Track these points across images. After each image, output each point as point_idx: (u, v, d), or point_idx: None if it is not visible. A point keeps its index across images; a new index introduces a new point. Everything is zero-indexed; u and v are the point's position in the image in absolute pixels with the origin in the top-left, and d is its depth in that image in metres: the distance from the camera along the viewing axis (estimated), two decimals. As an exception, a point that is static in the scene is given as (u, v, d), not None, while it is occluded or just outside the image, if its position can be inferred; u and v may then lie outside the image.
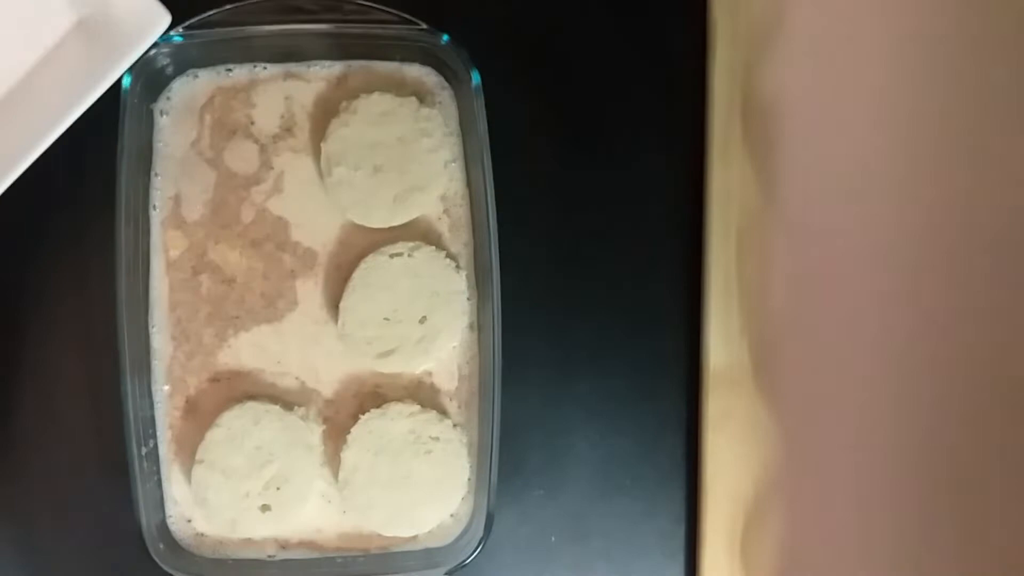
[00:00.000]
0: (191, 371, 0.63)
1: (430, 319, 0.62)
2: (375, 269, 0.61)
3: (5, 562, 0.63)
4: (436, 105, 0.63)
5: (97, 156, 0.62)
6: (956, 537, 0.46)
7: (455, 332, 0.62)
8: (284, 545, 0.63)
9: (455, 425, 0.62)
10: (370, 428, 0.61)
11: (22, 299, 0.64)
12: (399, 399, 0.62)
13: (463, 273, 0.62)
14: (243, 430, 0.61)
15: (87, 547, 0.63)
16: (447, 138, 0.62)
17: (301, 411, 0.62)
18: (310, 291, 0.63)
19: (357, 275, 0.61)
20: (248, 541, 0.62)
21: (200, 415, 0.62)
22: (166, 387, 0.63)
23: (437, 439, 0.62)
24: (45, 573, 0.64)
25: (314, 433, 0.62)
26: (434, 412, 0.62)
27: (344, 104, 0.62)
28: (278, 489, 0.61)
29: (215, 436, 0.61)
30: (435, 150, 0.61)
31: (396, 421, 0.61)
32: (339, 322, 0.62)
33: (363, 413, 0.62)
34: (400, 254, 0.61)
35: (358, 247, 0.63)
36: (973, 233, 0.46)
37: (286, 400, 0.63)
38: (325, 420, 0.63)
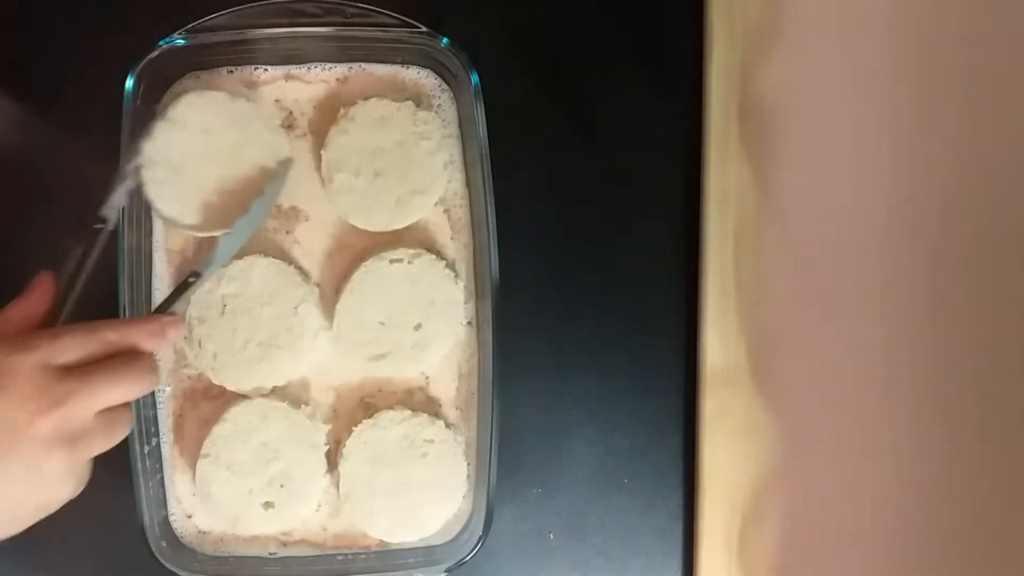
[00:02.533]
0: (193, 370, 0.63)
1: (425, 326, 0.62)
2: (374, 273, 0.62)
3: (8, 561, 0.63)
4: (433, 108, 0.63)
5: (100, 158, 0.62)
6: (955, 535, 0.46)
7: (448, 341, 0.63)
8: (285, 542, 0.63)
9: (448, 426, 0.62)
10: (364, 439, 0.62)
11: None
12: (391, 406, 0.63)
13: (461, 284, 0.63)
14: (249, 426, 0.61)
15: (90, 545, 0.64)
16: (446, 140, 0.62)
17: (308, 410, 0.62)
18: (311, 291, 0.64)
19: (356, 278, 0.62)
20: (250, 538, 0.63)
21: (202, 414, 0.63)
22: (168, 387, 0.63)
23: (431, 441, 0.62)
24: (47, 572, 0.64)
25: (320, 432, 0.62)
26: (425, 415, 0.62)
27: (342, 111, 0.62)
28: (282, 487, 0.61)
29: (222, 431, 0.61)
30: (434, 152, 0.62)
31: (389, 429, 0.62)
32: (334, 323, 0.62)
33: (355, 425, 0.62)
34: (400, 260, 0.62)
35: (358, 249, 0.63)
36: (972, 232, 0.46)
37: (286, 397, 0.63)
38: (329, 422, 0.63)
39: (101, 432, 0.49)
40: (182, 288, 0.56)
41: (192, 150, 0.60)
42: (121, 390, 0.49)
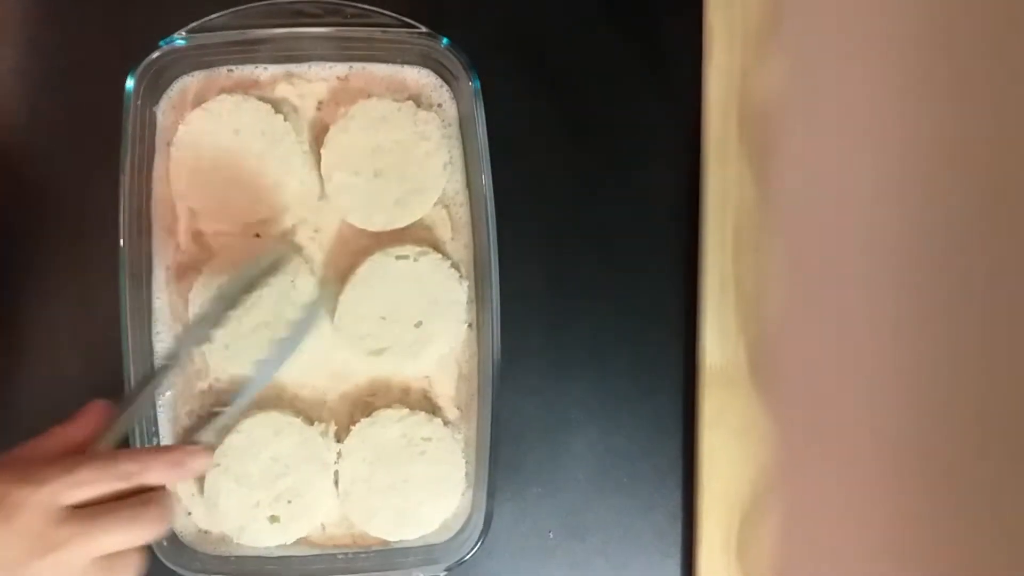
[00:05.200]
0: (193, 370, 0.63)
1: (425, 324, 0.62)
2: (379, 268, 0.62)
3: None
4: (434, 108, 0.63)
5: (100, 157, 0.62)
6: (954, 535, 0.46)
7: (448, 340, 0.63)
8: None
9: (446, 423, 0.63)
10: (363, 438, 0.62)
11: (26, 300, 0.64)
12: (389, 404, 0.63)
13: (465, 284, 0.63)
14: (262, 439, 0.61)
15: (91, 544, 0.64)
16: (445, 141, 0.62)
17: (321, 427, 0.62)
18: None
19: (361, 271, 0.62)
20: (251, 538, 0.63)
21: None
22: (169, 391, 0.63)
23: (429, 439, 0.62)
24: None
25: (332, 451, 0.62)
26: (423, 413, 0.62)
27: (342, 110, 0.62)
28: (289, 502, 0.61)
29: (234, 442, 0.61)
30: (433, 153, 0.62)
31: (387, 427, 0.62)
32: (335, 314, 0.62)
33: (354, 424, 0.62)
34: (406, 257, 0.62)
35: (360, 248, 0.63)
36: (969, 232, 0.46)
37: (296, 407, 0.63)
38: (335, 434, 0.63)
39: None
40: (208, 419, 0.55)
41: (219, 144, 0.61)
42: (125, 536, 0.46)
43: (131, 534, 0.46)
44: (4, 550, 0.44)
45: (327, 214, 0.63)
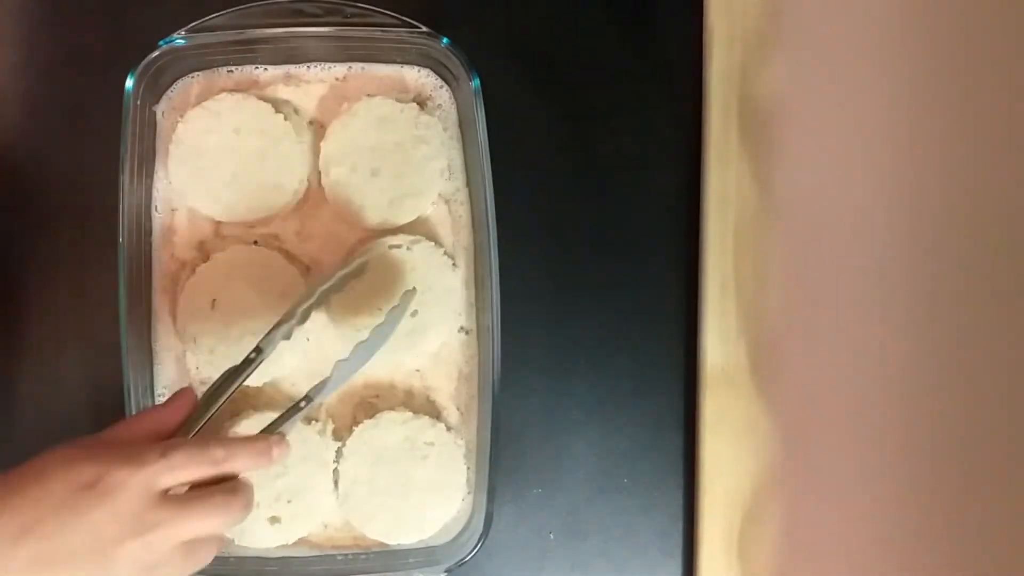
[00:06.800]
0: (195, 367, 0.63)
1: (421, 313, 0.62)
2: (372, 258, 0.61)
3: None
4: (435, 111, 0.63)
5: (100, 157, 0.62)
6: (957, 536, 0.46)
7: (445, 329, 0.62)
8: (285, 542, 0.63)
9: (449, 428, 0.62)
10: (365, 439, 0.61)
11: (26, 300, 0.64)
12: (392, 407, 0.63)
13: (459, 272, 0.63)
14: None
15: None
16: (444, 147, 0.62)
17: (319, 426, 0.62)
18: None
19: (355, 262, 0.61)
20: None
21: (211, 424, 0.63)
22: (166, 391, 0.63)
23: (432, 444, 0.62)
24: (48, 571, 0.64)
25: (330, 450, 0.62)
26: (427, 418, 0.62)
27: (346, 106, 0.62)
28: (288, 502, 0.61)
29: None
30: (432, 157, 0.62)
31: (390, 430, 0.62)
32: (331, 306, 0.61)
33: (356, 424, 0.62)
34: (399, 246, 0.62)
35: (354, 244, 0.63)
36: (973, 233, 0.46)
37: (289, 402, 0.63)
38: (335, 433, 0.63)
39: (180, 561, 0.48)
40: (291, 411, 0.55)
41: (219, 142, 0.61)
42: (212, 522, 0.48)
43: (218, 520, 0.48)
44: (101, 528, 0.45)
45: (322, 210, 0.63)
